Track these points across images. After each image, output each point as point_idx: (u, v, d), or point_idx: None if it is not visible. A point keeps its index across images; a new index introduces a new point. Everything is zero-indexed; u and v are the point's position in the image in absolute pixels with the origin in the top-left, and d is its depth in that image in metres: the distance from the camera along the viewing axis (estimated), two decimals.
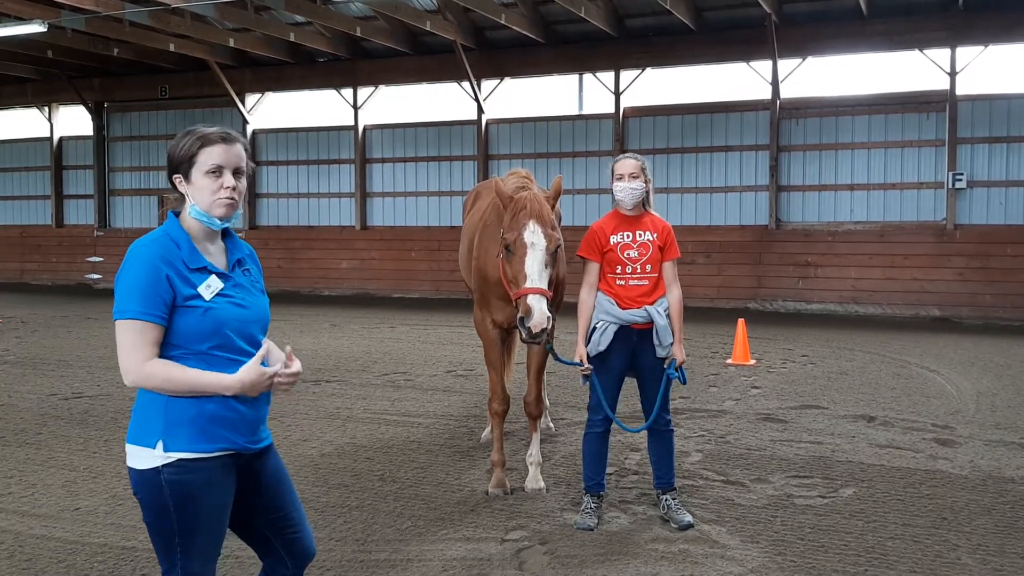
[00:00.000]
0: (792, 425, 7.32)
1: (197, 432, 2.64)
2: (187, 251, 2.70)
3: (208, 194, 2.71)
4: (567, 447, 6.63)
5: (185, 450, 2.63)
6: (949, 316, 14.92)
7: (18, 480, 5.91)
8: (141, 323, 2.59)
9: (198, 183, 2.72)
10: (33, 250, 22.96)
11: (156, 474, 2.63)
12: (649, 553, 4.57)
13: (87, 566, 4.46)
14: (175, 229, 2.74)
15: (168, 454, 2.62)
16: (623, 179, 4.92)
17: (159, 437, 2.62)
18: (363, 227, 19.86)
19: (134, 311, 2.59)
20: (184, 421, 2.63)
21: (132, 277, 2.62)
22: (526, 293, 4.61)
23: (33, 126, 23.40)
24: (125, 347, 2.61)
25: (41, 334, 13.23)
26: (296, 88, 20.24)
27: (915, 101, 15.60)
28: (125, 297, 2.61)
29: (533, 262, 4.68)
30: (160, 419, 2.63)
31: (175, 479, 2.63)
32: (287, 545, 2.95)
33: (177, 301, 2.64)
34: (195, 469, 2.64)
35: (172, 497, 2.63)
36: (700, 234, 16.63)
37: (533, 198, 4.83)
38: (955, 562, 4.45)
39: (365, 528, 4.96)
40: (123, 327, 2.61)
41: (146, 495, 2.67)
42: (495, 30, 17.35)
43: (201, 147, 2.72)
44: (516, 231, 4.72)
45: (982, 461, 6.24)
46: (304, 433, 7.11)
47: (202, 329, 2.66)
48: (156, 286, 2.61)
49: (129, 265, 2.64)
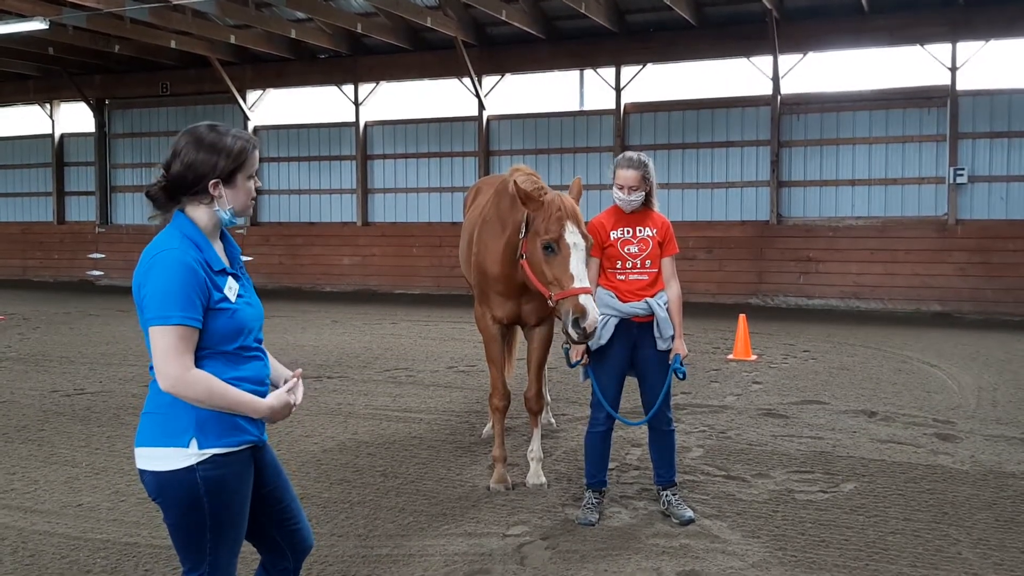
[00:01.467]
0: (793, 420, 7.33)
1: (226, 427, 2.68)
2: (207, 253, 2.70)
3: (245, 196, 2.78)
4: (568, 443, 6.64)
5: (219, 445, 2.66)
6: (950, 311, 14.91)
7: (21, 476, 5.92)
8: (184, 328, 2.59)
9: (241, 187, 2.76)
10: (35, 247, 22.97)
11: (190, 472, 2.63)
12: (650, 548, 4.58)
13: (90, 562, 4.47)
14: (191, 229, 2.72)
15: (203, 451, 2.64)
16: (623, 190, 4.93)
17: (192, 435, 2.64)
18: (364, 223, 19.87)
19: (178, 317, 2.57)
20: (214, 418, 2.66)
21: (169, 281, 2.59)
22: (576, 293, 4.58)
23: (35, 123, 23.39)
24: (167, 352, 2.58)
25: (43, 331, 13.25)
26: (297, 84, 20.23)
27: (916, 96, 15.57)
28: (165, 303, 2.57)
29: (578, 262, 4.66)
30: (191, 418, 2.64)
31: (211, 475, 2.65)
32: (287, 537, 2.98)
33: (210, 304, 2.65)
34: (228, 463, 2.69)
35: (208, 494, 2.65)
36: (701, 230, 16.62)
37: (565, 198, 4.83)
38: (956, 556, 4.46)
39: (367, 523, 4.98)
40: (164, 333, 2.58)
41: (176, 495, 2.66)
42: (496, 26, 17.33)
43: (253, 150, 2.78)
44: (557, 232, 4.69)
45: (983, 456, 6.25)
46: (306, 429, 7.12)
47: (229, 331, 2.70)
48: (196, 288, 2.61)
49: (162, 269, 2.61)
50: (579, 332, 4.56)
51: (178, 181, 2.71)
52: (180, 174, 2.70)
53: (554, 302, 4.73)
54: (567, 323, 4.60)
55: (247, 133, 2.80)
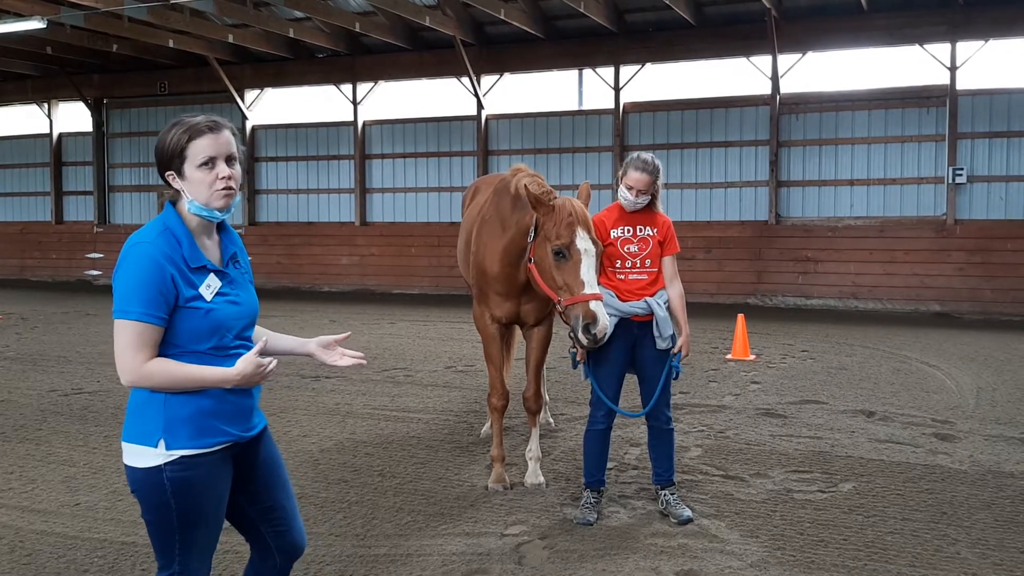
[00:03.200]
0: (792, 420, 7.33)
1: (196, 429, 2.64)
2: (188, 248, 2.64)
3: (205, 187, 2.65)
4: (566, 442, 6.63)
5: (186, 447, 2.62)
6: (949, 311, 14.92)
7: (18, 476, 5.91)
8: (143, 325, 2.55)
9: (193, 177, 2.65)
10: (33, 246, 22.95)
11: (158, 472, 2.62)
12: (648, 548, 4.58)
13: (87, 561, 4.46)
14: (175, 222, 2.67)
15: (170, 452, 2.61)
16: (631, 191, 4.90)
17: (160, 436, 2.61)
18: (363, 223, 19.86)
19: (137, 312, 2.54)
20: (183, 419, 2.62)
21: (134, 276, 2.55)
22: (587, 299, 4.56)
23: (33, 122, 23.37)
24: (124, 347, 2.56)
25: (41, 330, 13.23)
26: (295, 84, 20.22)
27: (915, 96, 15.58)
28: (127, 296, 2.55)
29: (588, 268, 4.65)
30: (160, 418, 2.61)
31: (177, 476, 2.62)
32: (276, 537, 2.94)
33: (179, 302, 2.59)
34: (196, 465, 2.64)
35: (175, 495, 2.62)
36: (700, 229, 16.62)
37: (575, 203, 4.80)
38: (954, 556, 4.46)
39: (365, 523, 4.97)
40: (124, 327, 2.55)
41: (147, 493, 2.66)
42: (495, 25, 17.33)
43: (190, 140, 2.66)
44: (568, 238, 4.67)
45: (982, 456, 6.24)
46: (303, 429, 7.11)
47: (202, 330, 2.63)
48: (160, 286, 2.55)
49: (131, 262, 2.57)
50: (590, 338, 4.56)
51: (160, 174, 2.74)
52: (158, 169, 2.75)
53: (563, 307, 4.73)
54: (577, 329, 4.58)
55: (199, 119, 2.70)
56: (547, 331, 5.67)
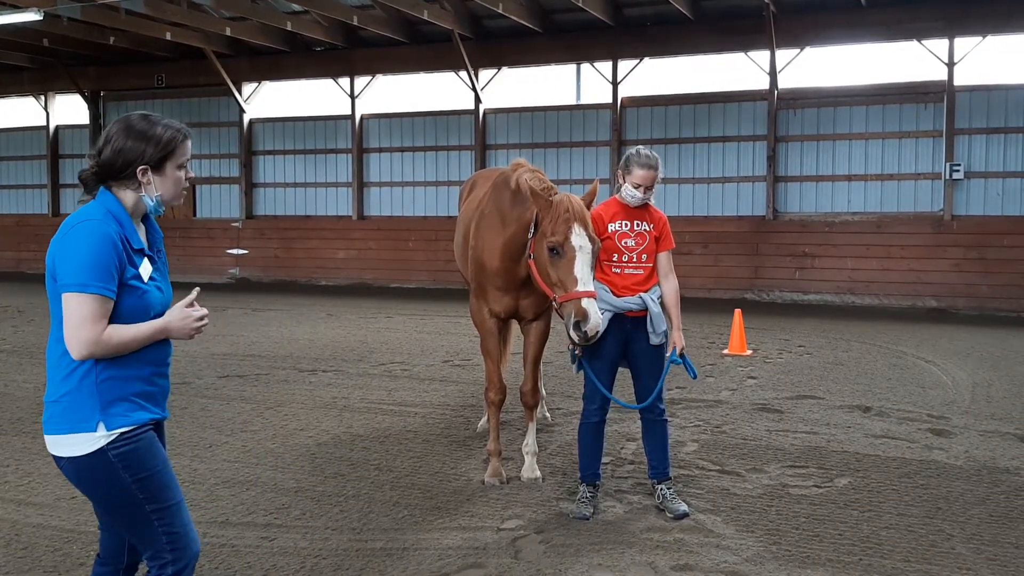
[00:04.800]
0: (788, 415, 7.34)
1: (130, 407, 2.76)
2: (129, 230, 2.76)
3: (174, 185, 2.84)
4: (563, 437, 6.64)
5: (124, 424, 2.73)
6: (945, 307, 14.94)
7: (14, 469, 5.91)
8: (101, 298, 2.65)
9: (170, 175, 2.82)
10: (29, 239, 22.88)
11: (102, 454, 2.71)
12: (644, 542, 4.59)
13: (83, 554, 4.46)
14: (116, 207, 2.77)
15: (110, 432, 2.71)
16: (639, 188, 4.90)
17: (98, 418, 2.70)
18: (360, 217, 19.84)
19: (96, 286, 2.63)
20: (116, 399, 2.73)
21: (90, 251, 2.64)
22: (579, 296, 4.58)
23: (29, 115, 23.32)
24: (83, 319, 2.63)
25: (37, 323, 13.21)
26: (293, 77, 20.18)
27: (913, 91, 15.59)
28: (84, 271, 2.62)
29: (583, 266, 4.64)
30: (95, 402, 2.70)
31: (123, 450, 2.72)
32: None
33: (122, 279, 2.71)
34: (136, 438, 2.76)
35: (125, 468, 2.72)
36: (697, 224, 16.62)
37: (573, 200, 4.79)
38: (949, 551, 4.47)
39: (361, 517, 4.97)
40: (83, 300, 2.63)
41: (96, 476, 2.74)
42: (492, 19, 17.29)
43: (183, 140, 2.84)
44: (563, 235, 4.66)
45: (977, 451, 6.26)
46: (300, 422, 7.11)
47: (136, 310, 2.74)
48: (113, 262, 2.66)
49: (84, 238, 2.65)
50: (580, 335, 4.57)
51: (107, 166, 2.78)
52: (109, 160, 2.77)
53: (558, 304, 4.74)
54: (569, 326, 4.61)
55: (180, 124, 2.86)
56: (545, 326, 5.67)
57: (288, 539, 4.64)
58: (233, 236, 20.63)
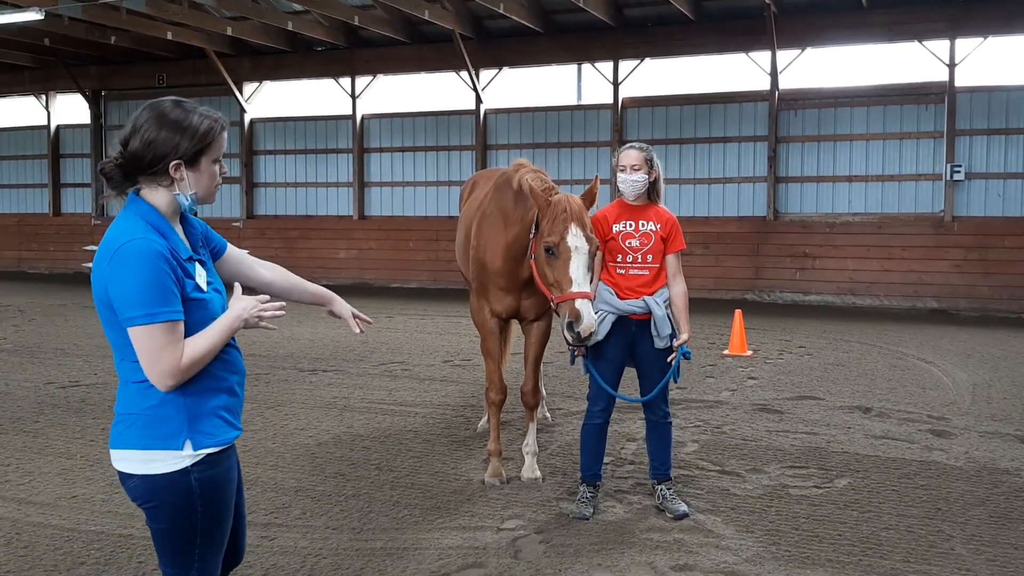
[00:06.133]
0: (788, 416, 7.34)
1: (218, 424, 2.54)
2: (173, 240, 2.49)
3: (209, 181, 2.56)
4: (563, 437, 6.64)
5: (212, 444, 2.52)
6: (946, 308, 14.94)
7: (15, 468, 5.91)
8: (172, 323, 2.39)
9: (205, 170, 2.54)
10: (30, 238, 22.92)
11: (185, 475, 2.47)
12: (644, 542, 4.59)
13: (84, 553, 4.47)
14: (153, 215, 2.49)
15: (197, 452, 2.48)
16: (625, 170, 4.91)
17: (186, 436, 2.47)
18: (361, 217, 19.84)
19: (164, 313, 2.37)
20: (205, 415, 2.50)
21: (143, 276, 2.36)
22: (573, 297, 4.58)
23: (30, 114, 23.32)
24: (160, 350, 2.38)
25: (38, 323, 13.22)
26: (294, 77, 20.18)
27: (914, 92, 15.58)
28: (145, 300, 2.35)
29: (578, 266, 4.64)
30: (183, 417, 2.47)
31: (205, 476, 2.50)
32: None
33: (185, 294, 2.45)
34: (218, 462, 2.54)
35: (203, 495, 2.50)
36: (698, 225, 16.61)
37: (572, 200, 4.79)
38: (949, 552, 4.47)
39: (361, 517, 4.98)
40: (154, 331, 2.37)
41: (169, 498, 2.49)
42: (494, 19, 17.29)
43: (221, 131, 2.54)
44: (559, 235, 4.66)
45: (977, 452, 6.26)
46: (301, 422, 7.11)
47: (202, 322, 2.50)
48: (171, 279, 2.40)
49: (133, 263, 2.37)
50: (574, 336, 4.59)
51: (135, 159, 2.47)
52: (138, 152, 2.46)
53: (555, 304, 4.76)
54: (563, 326, 4.63)
55: (216, 113, 2.56)
56: (546, 326, 5.67)
57: (288, 538, 4.64)
58: (234, 236, 20.63)
